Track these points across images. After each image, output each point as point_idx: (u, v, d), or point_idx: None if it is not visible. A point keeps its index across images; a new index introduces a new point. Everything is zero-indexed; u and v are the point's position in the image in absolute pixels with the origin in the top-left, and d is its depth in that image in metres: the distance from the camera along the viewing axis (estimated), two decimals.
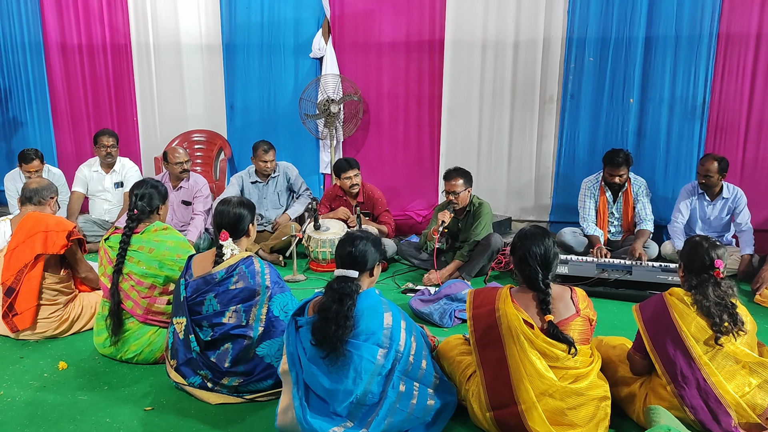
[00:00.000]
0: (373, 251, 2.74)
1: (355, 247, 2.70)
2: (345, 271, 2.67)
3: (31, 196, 3.93)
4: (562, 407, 2.56)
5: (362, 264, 2.70)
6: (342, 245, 2.75)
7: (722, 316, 2.66)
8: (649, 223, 5.11)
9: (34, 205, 3.91)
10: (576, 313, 2.66)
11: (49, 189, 3.99)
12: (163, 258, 3.37)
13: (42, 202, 3.93)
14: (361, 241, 2.72)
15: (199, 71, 6.76)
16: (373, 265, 2.75)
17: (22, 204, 3.96)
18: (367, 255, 2.71)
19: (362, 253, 2.70)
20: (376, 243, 2.78)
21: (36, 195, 3.92)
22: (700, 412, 2.62)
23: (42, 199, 3.93)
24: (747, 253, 4.84)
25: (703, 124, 5.48)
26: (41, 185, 3.98)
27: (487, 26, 5.88)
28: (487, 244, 4.76)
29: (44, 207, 3.93)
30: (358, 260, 2.69)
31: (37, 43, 6.83)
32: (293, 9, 6.31)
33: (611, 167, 5.06)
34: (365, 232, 2.83)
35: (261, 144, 5.58)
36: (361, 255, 2.69)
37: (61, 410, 2.96)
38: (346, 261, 2.70)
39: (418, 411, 2.64)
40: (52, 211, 3.98)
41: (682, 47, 5.40)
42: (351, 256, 2.69)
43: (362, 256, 2.70)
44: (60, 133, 7.05)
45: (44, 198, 3.94)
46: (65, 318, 3.75)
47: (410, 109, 6.24)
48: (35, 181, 4.04)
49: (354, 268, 2.67)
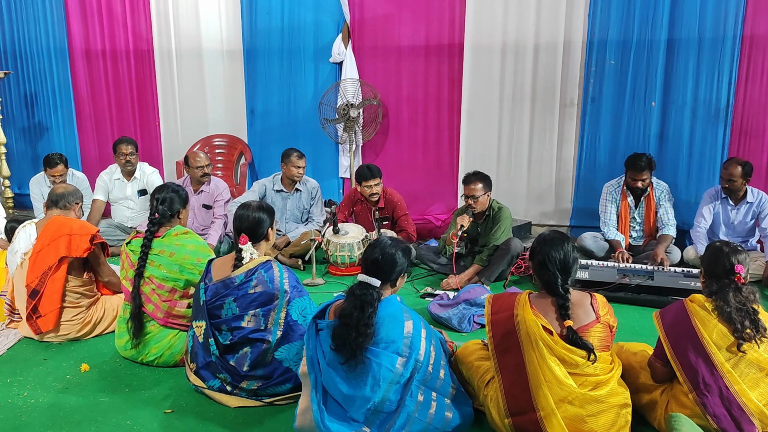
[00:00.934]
0: (402, 261, 2.69)
1: (383, 255, 2.66)
2: (367, 278, 2.63)
3: (57, 200, 3.98)
4: (582, 414, 2.53)
5: (387, 273, 2.66)
6: (371, 249, 2.71)
7: (744, 322, 2.61)
8: (672, 228, 5.04)
9: (59, 209, 3.97)
10: (596, 320, 2.63)
11: (75, 195, 4.05)
12: (184, 262, 3.40)
13: (67, 206, 3.99)
14: (391, 249, 2.68)
15: (220, 76, 6.82)
16: (397, 277, 2.72)
17: (48, 208, 4.02)
18: (394, 264, 2.67)
19: (389, 262, 2.66)
20: (407, 252, 2.73)
21: (62, 199, 3.98)
22: (723, 420, 2.58)
23: (67, 203, 3.99)
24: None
25: (727, 127, 5.41)
26: (68, 190, 4.04)
27: (506, 30, 5.86)
28: (506, 248, 4.73)
29: (69, 212, 3.99)
30: (383, 269, 2.65)
31: (62, 48, 6.95)
32: (313, 14, 6.34)
33: (634, 171, 5.01)
34: (397, 241, 2.77)
35: (294, 151, 5.53)
36: (387, 264, 2.66)
37: (83, 412, 3.00)
38: (370, 267, 2.67)
39: (437, 421, 2.62)
40: (77, 216, 4.03)
41: (705, 50, 5.34)
42: (377, 264, 2.66)
43: (389, 265, 2.66)
44: (84, 137, 7.15)
45: (69, 203, 4.00)
46: (88, 320, 3.80)
47: (429, 113, 6.23)
48: (62, 186, 4.11)
49: (378, 276, 2.64)
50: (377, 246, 2.71)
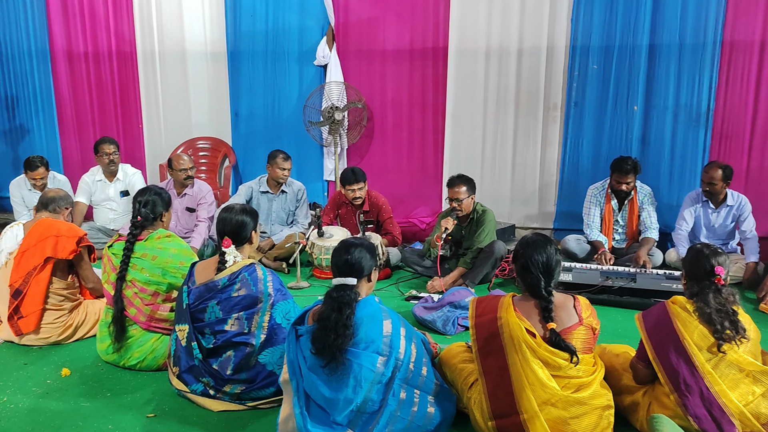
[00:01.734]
0: (369, 257, 2.74)
1: (351, 254, 2.70)
2: (343, 279, 2.67)
3: (47, 203, 3.99)
4: (565, 416, 2.54)
5: (359, 271, 2.70)
6: (337, 253, 2.75)
7: (724, 323, 2.65)
8: (654, 231, 5.09)
9: (48, 212, 3.97)
10: (579, 322, 2.65)
11: (65, 200, 4.07)
12: (166, 265, 3.38)
13: (57, 210, 4.00)
14: (356, 248, 2.72)
15: (204, 79, 6.79)
16: (370, 271, 2.75)
17: (38, 210, 4.02)
18: (362, 261, 2.71)
19: (358, 259, 2.70)
20: (371, 248, 2.78)
21: (52, 203, 4.00)
22: (704, 421, 2.61)
23: (57, 207, 4.00)
24: (752, 260, 4.82)
25: (708, 131, 5.47)
26: (59, 195, 4.06)
27: (490, 34, 5.89)
28: (490, 251, 4.76)
29: (58, 216, 3.99)
30: (354, 267, 2.69)
31: (43, 50, 6.88)
32: (298, 17, 6.34)
33: (619, 174, 5.05)
34: (358, 239, 2.84)
35: (279, 152, 5.53)
36: (357, 261, 2.69)
37: (64, 417, 2.97)
38: (342, 269, 2.70)
39: (419, 419, 2.63)
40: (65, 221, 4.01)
41: (686, 55, 5.40)
42: (347, 264, 2.69)
43: (358, 263, 2.70)
44: (66, 140, 7.09)
45: (59, 207, 4.01)
46: (69, 324, 3.77)
47: (414, 116, 6.25)
48: (54, 191, 4.13)
49: (351, 275, 2.67)
50: (342, 248, 2.75)
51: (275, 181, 5.56)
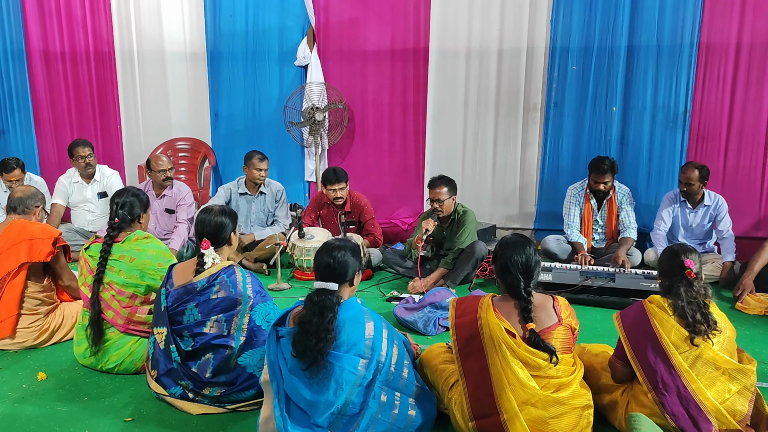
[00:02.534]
0: (353, 261, 2.70)
1: (334, 258, 2.65)
2: (324, 284, 2.62)
3: (16, 206, 3.86)
4: (545, 416, 2.55)
5: (342, 276, 2.66)
6: (320, 256, 2.70)
7: (695, 316, 2.68)
8: (633, 231, 5.14)
9: (18, 214, 3.86)
10: (558, 322, 2.66)
11: (34, 198, 3.92)
12: (144, 267, 3.34)
13: (27, 211, 3.87)
14: (340, 251, 2.68)
15: (184, 79, 6.74)
16: (353, 276, 2.72)
17: (8, 213, 3.91)
18: (346, 265, 2.67)
19: (341, 264, 2.66)
20: (355, 252, 2.74)
21: (20, 204, 3.86)
22: (681, 419, 2.63)
23: (26, 208, 3.87)
24: (728, 260, 4.88)
25: (685, 132, 5.54)
26: (26, 194, 3.91)
27: (471, 35, 5.92)
28: (471, 252, 4.77)
29: (29, 216, 3.87)
30: (337, 272, 2.65)
31: (19, 50, 6.78)
32: (278, 17, 6.31)
33: (597, 174, 5.09)
34: (343, 241, 2.78)
35: (256, 153, 5.49)
36: (340, 266, 2.66)
37: (40, 422, 2.92)
38: (324, 273, 2.66)
39: (400, 421, 2.62)
40: (39, 219, 3.92)
41: (664, 56, 5.47)
42: (330, 268, 2.65)
43: (342, 267, 2.66)
44: (42, 141, 6.99)
45: (29, 207, 3.88)
46: (45, 328, 3.71)
47: (395, 117, 6.25)
48: (20, 190, 3.95)
49: (333, 280, 2.63)
50: (325, 251, 2.70)
51: (253, 182, 5.52)
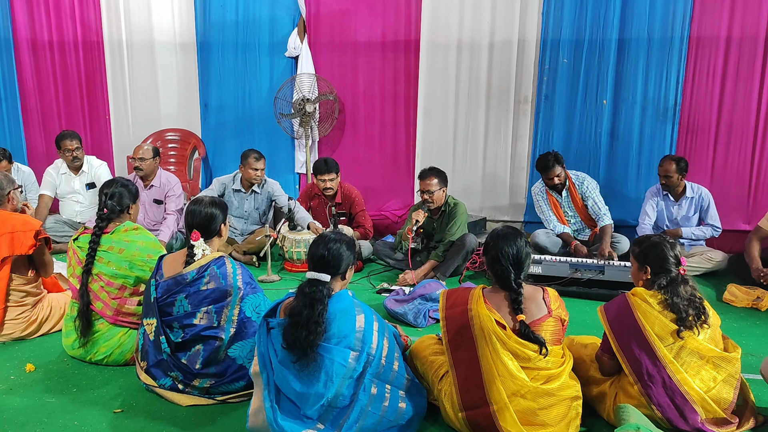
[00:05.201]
0: (347, 254, 2.70)
1: (329, 250, 2.65)
2: (317, 274, 2.61)
3: None
4: (534, 407, 2.57)
5: (335, 268, 2.66)
6: (315, 246, 2.70)
7: (688, 311, 2.71)
8: (606, 216, 5.17)
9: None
10: (548, 314, 2.68)
11: (0, 188, 3.73)
12: (134, 258, 3.32)
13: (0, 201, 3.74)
14: (335, 244, 2.67)
15: (173, 69, 6.69)
16: (346, 269, 2.71)
17: None
18: (340, 258, 2.67)
19: (336, 256, 2.65)
20: (350, 245, 2.74)
21: None
22: (667, 409, 2.66)
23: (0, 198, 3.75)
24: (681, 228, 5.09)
25: (675, 125, 5.56)
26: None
27: (462, 27, 5.91)
28: (461, 244, 4.78)
29: (4, 205, 3.75)
30: (330, 264, 2.64)
31: (6, 39, 6.69)
32: (268, 8, 6.28)
33: (545, 171, 5.19)
34: (339, 234, 2.77)
35: (252, 152, 5.38)
36: (334, 258, 2.65)
37: (28, 413, 2.90)
38: (318, 264, 2.65)
39: (390, 413, 2.63)
40: (13, 206, 3.80)
41: (654, 50, 5.48)
42: (323, 260, 2.64)
43: (335, 260, 2.65)
44: (30, 131, 6.92)
45: (2, 196, 3.74)
46: (33, 319, 3.68)
47: (386, 109, 6.24)
48: None
49: (326, 272, 2.62)
50: (321, 242, 2.70)
51: (248, 181, 5.48)
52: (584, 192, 5.24)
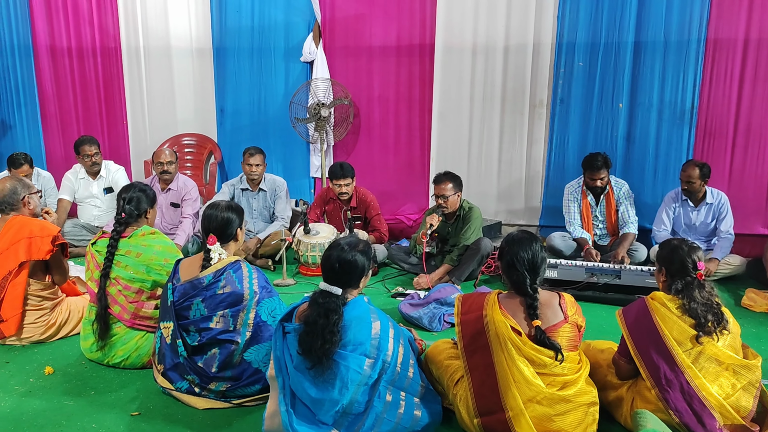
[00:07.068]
0: (361, 264, 2.65)
1: (340, 263, 2.61)
2: (328, 287, 2.59)
3: (3, 209, 3.76)
4: (550, 414, 2.55)
5: (347, 281, 2.62)
6: (327, 259, 2.66)
7: (707, 317, 2.68)
8: (633, 226, 5.13)
9: (8, 213, 3.75)
10: (564, 320, 2.66)
11: (14, 193, 3.75)
12: (151, 262, 3.35)
13: (15, 207, 3.76)
14: (348, 254, 2.63)
15: (190, 75, 6.74)
16: (360, 279, 2.68)
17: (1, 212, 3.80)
18: (353, 271, 2.63)
19: (348, 270, 2.62)
20: (365, 253, 2.68)
21: (2, 205, 3.75)
22: (685, 415, 2.63)
23: (14, 205, 3.76)
24: (715, 257, 4.86)
25: (692, 129, 5.51)
26: (4, 194, 3.73)
27: (477, 31, 5.90)
28: (476, 248, 4.76)
29: (21, 210, 3.78)
30: (343, 277, 2.61)
31: (26, 45, 6.79)
32: (284, 13, 6.31)
33: (591, 171, 5.10)
34: (352, 244, 2.70)
35: (248, 149, 5.50)
36: (346, 273, 2.62)
37: (47, 416, 2.94)
38: (330, 277, 2.63)
39: (405, 421, 2.62)
40: (30, 211, 3.82)
41: (671, 52, 5.44)
42: (335, 273, 2.62)
43: (347, 274, 2.62)
44: (49, 136, 7.00)
45: (14, 203, 3.75)
46: (52, 323, 3.72)
47: (401, 113, 6.25)
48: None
49: (338, 284, 2.59)
50: (332, 253, 2.65)
51: (249, 178, 5.52)
52: (620, 197, 5.20)
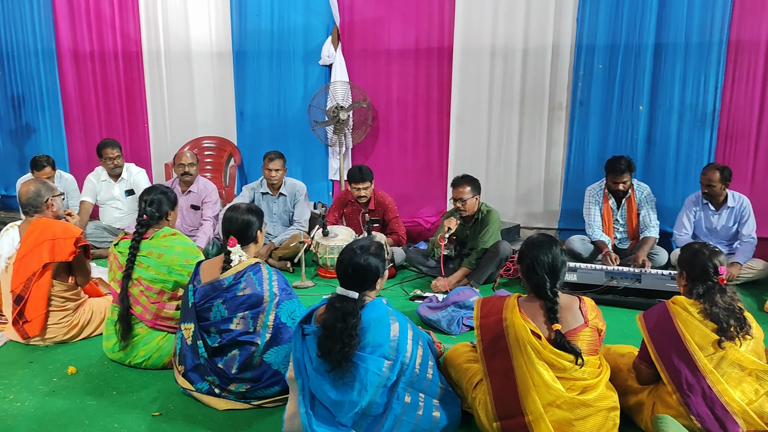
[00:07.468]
0: (375, 267, 2.65)
1: (353, 267, 2.61)
2: (345, 291, 2.60)
3: (27, 211, 3.83)
4: (570, 418, 2.54)
5: (363, 284, 2.63)
6: (340, 264, 2.66)
7: (729, 321, 2.65)
8: (654, 229, 5.08)
9: (32, 215, 3.81)
10: (584, 324, 2.64)
11: (38, 195, 3.80)
12: (172, 263, 3.39)
13: (39, 209, 3.81)
14: (361, 258, 2.63)
15: (210, 78, 6.80)
16: (375, 281, 2.68)
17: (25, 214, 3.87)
18: (367, 274, 2.63)
19: (362, 274, 2.62)
20: (378, 255, 2.68)
21: (31, 209, 3.81)
22: (707, 420, 2.61)
23: (36, 208, 3.81)
24: (737, 261, 4.79)
25: (714, 131, 5.45)
26: (28, 196, 3.79)
27: (495, 33, 5.89)
28: (495, 251, 4.75)
29: (45, 212, 3.83)
30: (357, 281, 2.62)
31: (49, 50, 6.91)
32: (303, 16, 6.34)
33: (614, 174, 5.05)
34: (364, 247, 2.69)
35: (268, 153, 5.54)
36: (361, 276, 2.62)
37: (70, 415, 2.98)
38: (345, 282, 2.64)
39: (424, 422, 2.62)
40: (53, 213, 3.87)
41: (692, 54, 5.38)
42: (349, 278, 2.62)
43: (362, 277, 2.62)
44: (72, 139, 7.12)
45: (38, 206, 3.81)
46: (75, 323, 3.77)
47: (419, 116, 6.25)
48: (22, 193, 3.83)
49: (354, 288, 2.60)
50: (345, 258, 2.65)
51: (268, 182, 5.56)
52: (641, 201, 5.15)
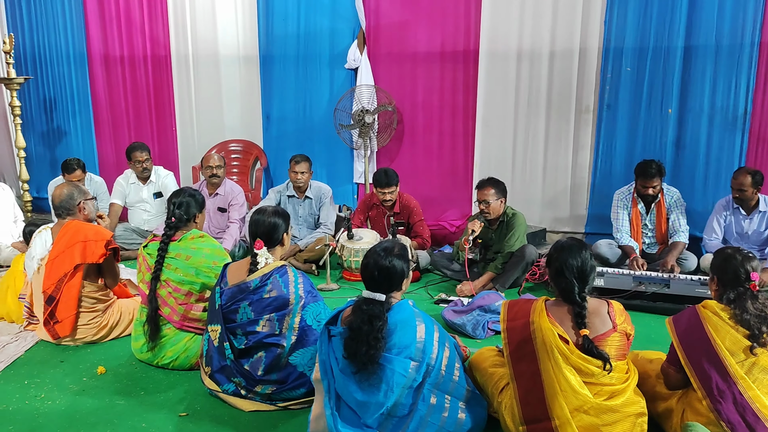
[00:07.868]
0: (399, 269, 2.66)
1: (379, 270, 2.63)
2: (371, 294, 2.61)
3: (60, 213, 3.91)
4: (597, 424, 2.51)
5: (388, 287, 2.64)
6: (365, 267, 2.68)
7: (761, 328, 2.60)
8: (683, 235, 5.01)
9: (65, 218, 3.89)
10: (613, 329, 2.61)
11: (71, 198, 3.89)
12: (200, 265, 3.42)
13: (71, 212, 3.89)
14: (385, 260, 2.64)
15: (237, 82, 6.86)
16: (400, 283, 2.69)
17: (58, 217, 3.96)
18: (392, 276, 2.65)
19: (387, 276, 2.64)
20: (402, 257, 2.69)
21: (64, 212, 3.89)
22: (738, 427, 2.55)
23: (70, 210, 3.89)
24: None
25: (745, 135, 5.36)
26: (61, 199, 3.88)
27: (522, 36, 5.86)
28: (521, 255, 4.71)
29: (77, 215, 3.91)
30: (383, 284, 2.64)
31: (81, 54, 7.03)
32: (329, 20, 6.37)
33: (644, 179, 4.98)
34: (387, 249, 2.71)
35: (294, 157, 5.56)
36: (386, 279, 2.64)
37: (99, 414, 3.03)
38: (370, 284, 2.66)
39: (449, 424, 2.62)
40: (85, 216, 3.94)
41: (723, 56, 5.30)
42: (375, 281, 2.64)
43: (387, 279, 2.64)
44: (102, 142, 7.23)
45: (71, 208, 3.89)
46: (104, 324, 3.83)
47: (444, 119, 6.23)
48: (56, 196, 3.92)
49: (380, 290, 2.62)
50: (369, 261, 2.67)
51: (295, 185, 5.59)
52: (671, 205, 5.08)
